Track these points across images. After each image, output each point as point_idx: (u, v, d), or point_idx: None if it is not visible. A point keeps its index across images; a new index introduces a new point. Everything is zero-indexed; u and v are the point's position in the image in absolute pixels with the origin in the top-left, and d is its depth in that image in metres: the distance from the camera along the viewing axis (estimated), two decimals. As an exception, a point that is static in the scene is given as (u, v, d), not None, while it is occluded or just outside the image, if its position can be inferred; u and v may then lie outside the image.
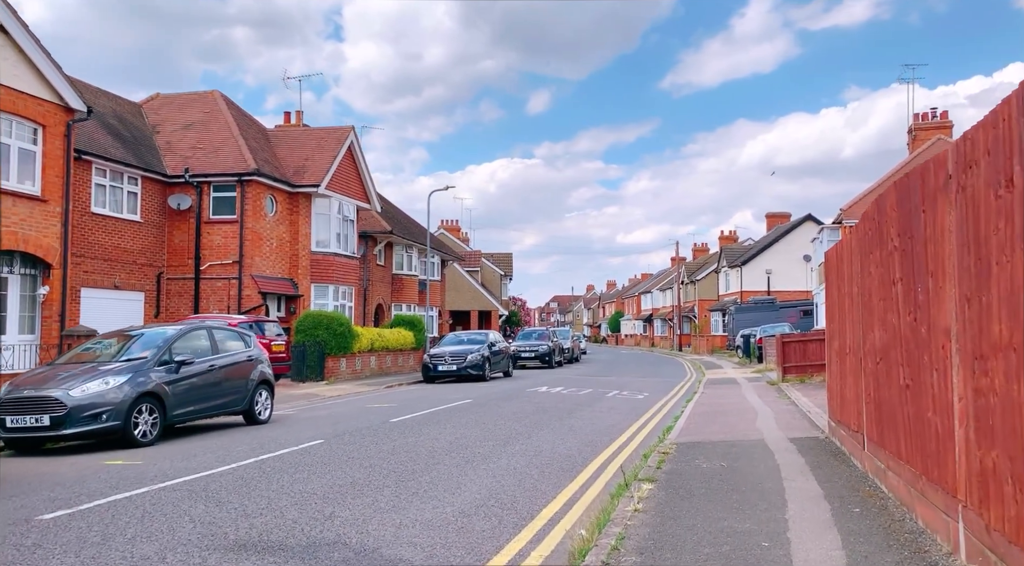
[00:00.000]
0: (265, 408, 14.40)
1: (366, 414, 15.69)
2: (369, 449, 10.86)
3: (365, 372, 28.37)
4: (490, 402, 18.16)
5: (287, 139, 30.62)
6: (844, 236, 9.11)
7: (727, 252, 67.46)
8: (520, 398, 19.44)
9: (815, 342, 24.90)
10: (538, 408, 16.98)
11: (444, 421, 14.29)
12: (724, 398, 19.65)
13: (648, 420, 15.55)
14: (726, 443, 11.46)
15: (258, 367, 14.23)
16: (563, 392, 21.55)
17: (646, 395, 21.50)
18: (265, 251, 27.15)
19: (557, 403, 18.30)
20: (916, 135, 41.00)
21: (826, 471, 8.88)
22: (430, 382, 26.73)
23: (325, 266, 29.51)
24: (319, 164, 29.08)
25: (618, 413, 16.52)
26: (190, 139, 28.01)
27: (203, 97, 30.02)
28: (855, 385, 8.97)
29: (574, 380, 27.33)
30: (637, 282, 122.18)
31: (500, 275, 67.64)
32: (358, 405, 17.91)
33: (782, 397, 19.48)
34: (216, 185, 26.68)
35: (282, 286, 27.85)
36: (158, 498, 7.70)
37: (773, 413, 15.75)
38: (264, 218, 27.12)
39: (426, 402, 18.23)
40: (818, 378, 24.01)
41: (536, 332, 40.88)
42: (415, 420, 14.40)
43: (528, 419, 14.86)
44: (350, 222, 31.15)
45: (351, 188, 31.33)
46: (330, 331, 25.53)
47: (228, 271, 26.41)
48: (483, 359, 26.85)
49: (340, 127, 31.14)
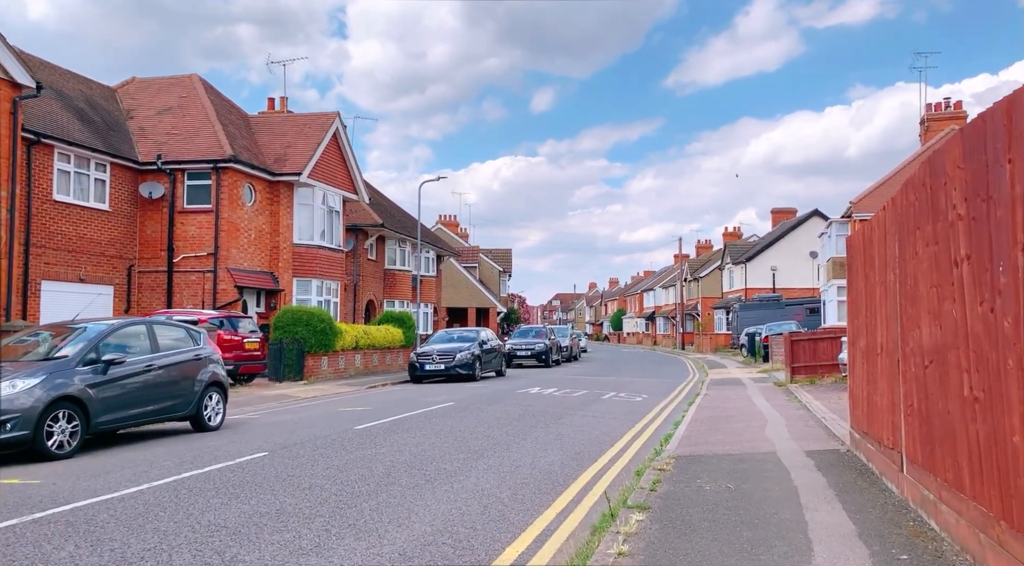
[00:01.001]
0: (216, 413, 12.88)
1: (332, 419, 14.17)
2: (317, 464, 9.34)
3: (350, 371, 26.87)
4: (473, 405, 16.64)
5: (268, 126, 29.11)
6: (876, 216, 7.47)
7: (731, 249, 65.85)
8: (508, 400, 17.91)
9: (826, 341, 23.36)
10: (525, 412, 15.45)
11: (416, 428, 12.77)
12: (729, 401, 18.12)
13: (645, 426, 14.02)
14: (732, 457, 9.92)
15: (208, 367, 12.70)
16: (555, 394, 20.02)
17: (645, 397, 19.97)
18: (242, 243, 25.64)
19: (547, 406, 16.77)
20: (929, 126, 39.38)
21: (855, 497, 7.35)
22: (417, 382, 25.22)
23: (308, 259, 28.00)
24: (301, 151, 27.57)
25: (613, 418, 14.99)
26: (165, 125, 26.52)
27: (180, 82, 28.51)
28: (889, 392, 7.44)
29: (570, 380, 25.80)
30: (640, 279, 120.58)
31: (499, 271, 66.10)
32: (329, 408, 16.39)
33: (792, 400, 17.94)
34: (191, 173, 25.17)
35: (261, 280, 26.34)
36: (22, 534, 6.17)
37: (784, 419, 14.21)
38: (242, 208, 25.60)
39: (404, 405, 16.70)
40: (829, 379, 22.47)
41: (533, 330, 39.35)
42: (383, 427, 12.87)
43: (511, 425, 13.34)
44: (335, 213, 29.63)
45: (336, 177, 29.81)
46: (310, 328, 24.01)
47: (203, 264, 24.90)
48: (473, 358, 25.32)
49: (324, 113, 29.61)
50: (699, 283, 73.80)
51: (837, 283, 37.98)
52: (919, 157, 36.96)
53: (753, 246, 64.11)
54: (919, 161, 37.28)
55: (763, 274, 58.70)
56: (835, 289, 38.12)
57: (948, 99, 39.69)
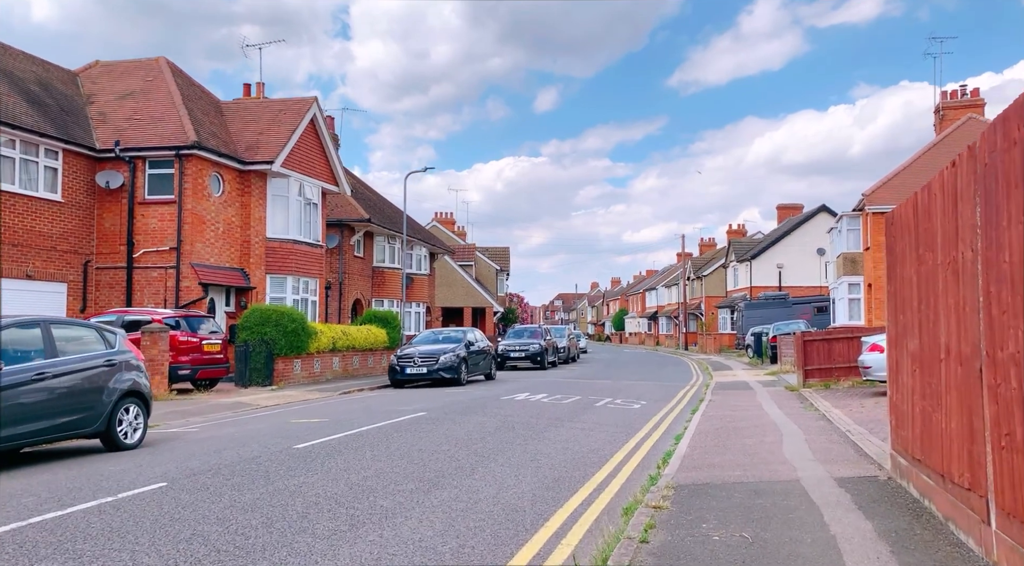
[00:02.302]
0: (135, 428, 10.94)
1: (276, 435, 12.22)
2: (219, 501, 7.40)
3: (326, 375, 24.93)
4: (447, 415, 14.68)
5: (241, 112, 27.17)
6: (937, 179, 5.39)
7: (736, 246, 63.84)
8: (488, 409, 15.95)
9: (842, 341, 21.39)
10: (504, 424, 13.50)
11: (369, 446, 10.81)
12: (737, 409, 16.15)
13: (642, 441, 12.06)
14: (746, 486, 7.97)
15: (124, 374, 10.77)
16: (544, 401, 18.06)
17: (643, 404, 18.01)
18: (209, 237, 23.71)
19: (531, 416, 14.81)
20: (945, 115, 37.38)
21: (919, 557, 5.38)
22: (398, 387, 23.27)
23: (283, 255, 26.06)
24: (274, 139, 25.63)
25: (604, 431, 13.03)
26: (127, 110, 24.60)
27: (146, 65, 26.59)
28: (964, 412, 5.48)
29: (563, 384, 23.84)
30: (642, 279, 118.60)
31: (496, 270, 64.13)
32: (280, 420, 14.44)
33: (808, 408, 15.97)
34: (152, 161, 23.25)
35: (230, 277, 24.40)
36: None
37: (802, 432, 12.25)
38: (208, 199, 23.67)
39: (368, 416, 14.74)
40: (846, 383, 20.50)
41: (528, 330, 37.37)
42: (330, 445, 10.92)
43: (484, 442, 11.39)
44: (313, 206, 27.69)
45: (314, 168, 27.87)
46: (279, 328, 22.07)
47: (165, 259, 22.98)
48: (458, 360, 23.35)
49: (301, 98, 27.67)
50: (702, 282, 71.80)
51: (848, 280, 36.01)
52: (935, 148, 34.97)
53: (758, 243, 62.11)
54: (937, 151, 35.35)
55: (769, 272, 56.72)
56: (846, 286, 36.14)
57: (964, 86, 37.70)
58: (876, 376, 17.18)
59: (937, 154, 34.25)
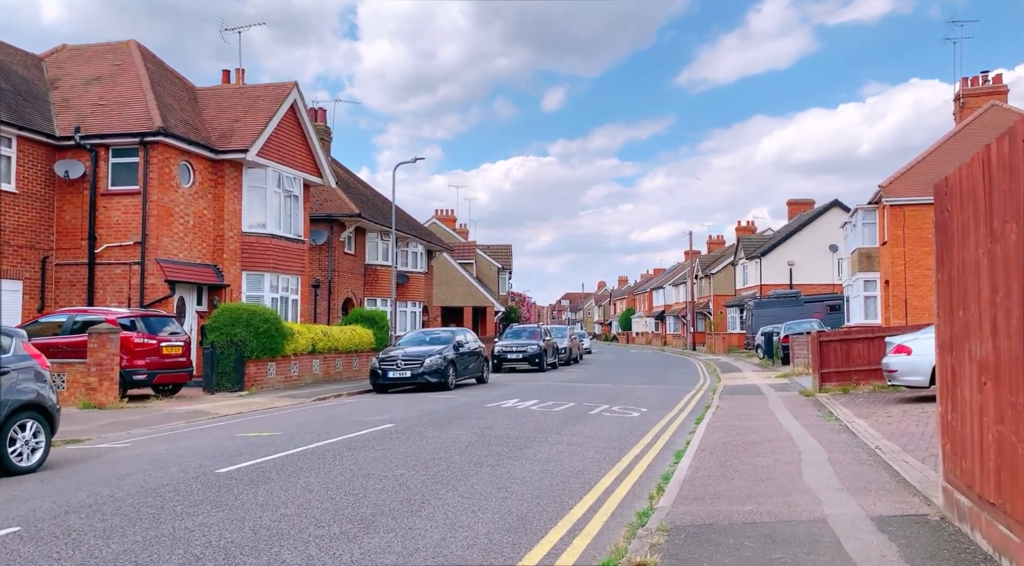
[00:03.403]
0: (32, 448, 9.25)
1: (208, 453, 10.53)
2: (75, 553, 5.73)
3: (305, 379, 23.24)
4: (418, 428, 12.97)
5: (216, 98, 25.51)
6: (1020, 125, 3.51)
7: (745, 243, 61.95)
8: (467, 419, 14.23)
9: (861, 342, 19.59)
10: (480, 438, 11.78)
11: (306, 471, 9.10)
12: (748, 418, 14.40)
13: (636, 459, 10.34)
14: (759, 529, 6.24)
15: (19, 385, 9.09)
16: (533, 408, 16.33)
17: (643, 411, 16.28)
18: (177, 231, 22.05)
19: (515, 427, 13.10)
20: (965, 102, 35.48)
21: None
22: (380, 392, 21.57)
23: (260, 250, 24.38)
24: (250, 126, 23.95)
25: (595, 446, 11.30)
26: (92, 95, 22.96)
27: (116, 48, 24.95)
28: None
29: (559, 389, 22.12)
30: (649, 278, 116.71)
31: (498, 268, 62.40)
32: (227, 433, 12.74)
33: (827, 417, 14.20)
34: (115, 149, 21.61)
35: (201, 274, 22.74)
36: None
37: (823, 449, 10.50)
38: (176, 190, 22.01)
39: (327, 428, 13.03)
40: (866, 388, 18.72)
41: (527, 330, 35.61)
42: (260, 469, 9.21)
43: (450, 462, 9.68)
44: (294, 198, 26.00)
45: (295, 158, 26.19)
46: (250, 329, 20.38)
47: (129, 255, 21.33)
48: (445, 363, 21.63)
49: (280, 83, 25.99)
50: (711, 280, 69.94)
51: (864, 276, 34.18)
52: (956, 136, 33.11)
53: (768, 240, 60.21)
54: (958, 139, 33.47)
55: (779, 269, 54.82)
56: (861, 283, 34.31)
57: (986, 73, 35.78)
58: (902, 381, 15.41)
59: (958, 143, 32.41)
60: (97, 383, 16.36)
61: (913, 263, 30.53)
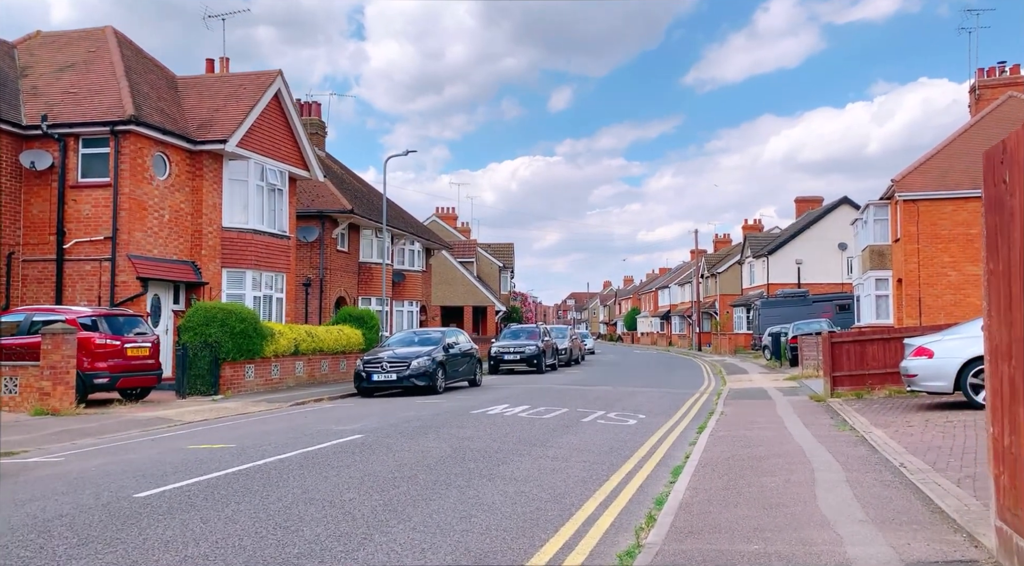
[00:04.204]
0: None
1: (141, 471, 9.33)
2: None
3: (288, 381, 22.05)
4: (388, 439, 11.74)
5: (197, 87, 24.34)
6: None
7: (752, 241, 60.62)
8: (446, 428, 13.01)
9: (876, 343, 18.29)
10: (454, 452, 10.56)
11: (239, 496, 7.89)
12: (754, 427, 13.16)
13: (628, 478, 9.11)
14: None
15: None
16: (522, 415, 15.11)
17: (641, 418, 15.06)
18: (151, 225, 20.88)
19: (496, 438, 11.87)
20: (981, 94, 34.15)
21: None
22: (365, 395, 20.38)
23: (241, 246, 23.20)
24: (231, 116, 22.77)
25: (583, 461, 10.07)
26: (64, 83, 21.82)
27: (90, 35, 23.81)
28: None
29: (555, 392, 20.90)
30: (655, 277, 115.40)
31: (499, 267, 61.17)
32: (176, 445, 11.54)
33: (841, 426, 12.94)
34: (85, 139, 20.46)
35: (177, 271, 21.57)
36: None
37: (840, 466, 9.25)
38: (150, 182, 20.84)
39: (288, 439, 11.82)
40: (881, 393, 17.44)
41: (525, 330, 34.36)
42: (187, 493, 8.00)
43: (411, 483, 8.47)
44: (279, 192, 24.81)
45: (280, 149, 25.00)
46: (226, 329, 19.20)
47: (100, 250, 20.18)
48: (434, 365, 20.42)
49: (264, 71, 24.79)
50: (717, 279, 68.64)
51: (875, 275, 32.86)
52: (973, 128, 31.76)
53: (776, 238, 58.88)
54: (975, 131, 32.13)
55: (787, 268, 53.50)
56: (872, 281, 33.00)
57: (1003, 64, 34.42)
58: (923, 386, 14.13)
59: (974, 135, 31.07)
60: (51, 387, 15.18)
61: (928, 260, 29.21)
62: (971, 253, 28.79)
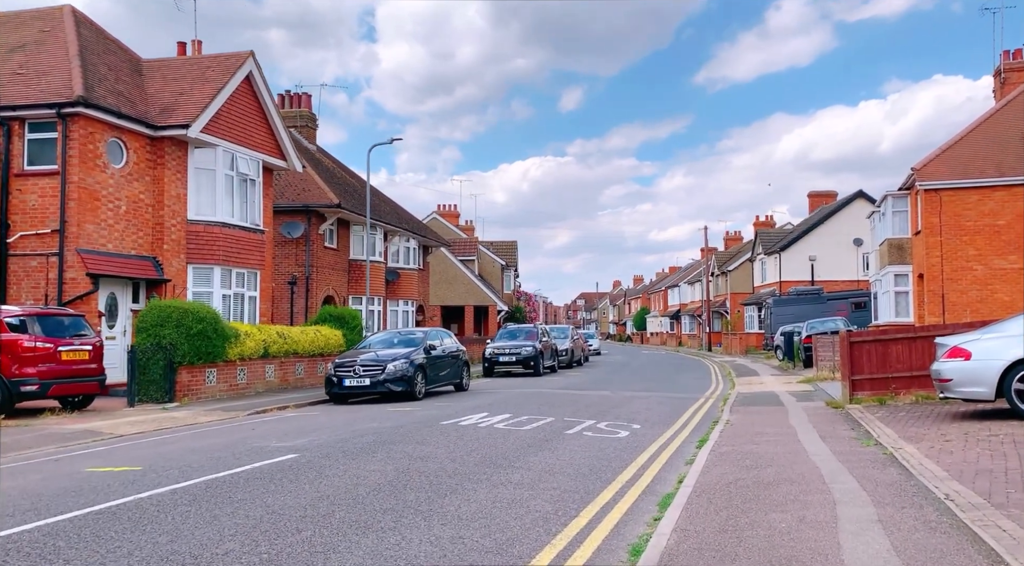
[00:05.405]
0: None
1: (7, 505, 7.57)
2: None
3: (256, 386, 20.29)
4: (327, 459, 9.94)
5: (163, 71, 22.61)
6: None
7: (763, 237, 58.59)
8: (402, 445, 11.19)
9: (901, 343, 16.40)
10: (399, 477, 8.75)
11: (77, 549, 6.11)
12: (763, 441, 11.30)
13: (601, 514, 7.29)
14: None
15: None
16: (499, 426, 13.30)
17: (635, 429, 13.25)
18: (105, 217, 19.17)
19: (456, 457, 10.06)
20: (1007, 78, 32.07)
21: None
22: (339, 402, 18.62)
23: (208, 241, 21.45)
24: (195, 100, 21.03)
25: (552, 489, 8.26)
26: (13, 64, 20.13)
27: (46, 14, 22.11)
28: None
29: (546, 397, 19.09)
30: (664, 276, 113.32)
31: (502, 266, 59.31)
32: (82, 466, 9.80)
33: (865, 440, 11.08)
34: (32, 123, 18.78)
35: (136, 267, 19.84)
36: None
37: (868, 497, 7.42)
38: (103, 170, 19.13)
39: (213, 459, 10.05)
40: (907, 398, 15.55)
41: (523, 330, 32.51)
42: (18, 543, 6.22)
43: (324, 524, 6.68)
44: (250, 182, 23.04)
45: (252, 137, 23.26)
46: (182, 329, 17.45)
47: (47, 244, 18.49)
48: (412, 369, 18.63)
49: (233, 53, 23.02)
50: (727, 277, 66.61)
51: (894, 270, 30.83)
52: (996, 113, 29.75)
53: (788, 234, 56.82)
54: (996, 118, 30.13)
55: (800, 265, 51.47)
56: (891, 277, 30.96)
57: (1029, 44, 32.35)
58: (959, 392, 12.25)
59: (999, 121, 29.09)
60: (-34, 396, 13.47)
61: (951, 254, 27.19)
62: (998, 246, 26.80)
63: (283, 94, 37.21)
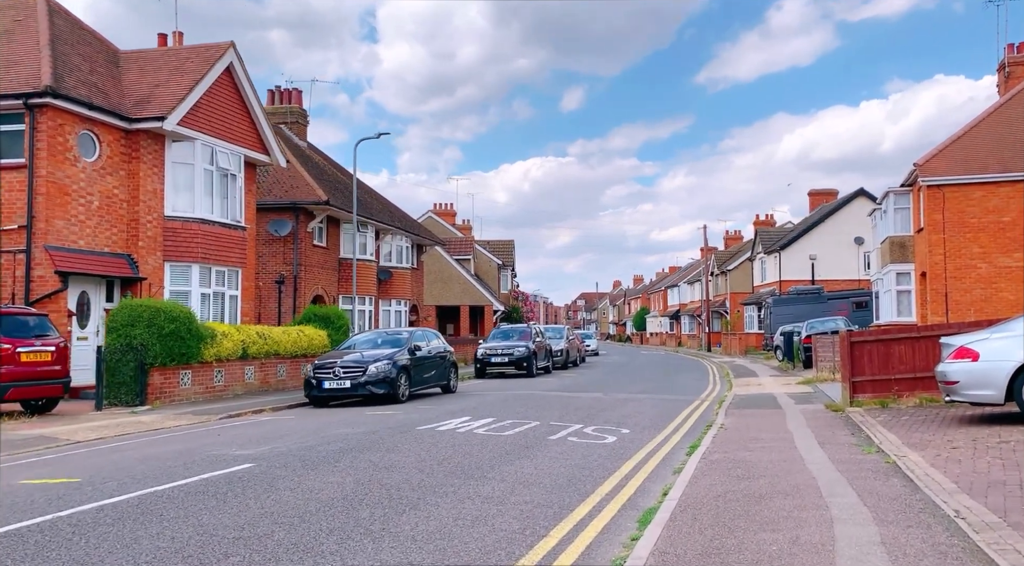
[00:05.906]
0: None
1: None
2: None
3: (234, 389, 19.57)
4: (284, 469, 9.21)
5: (140, 62, 21.90)
6: None
7: (763, 236, 57.84)
8: (369, 453, 10.46)
9: (904, 343, 15.64)
10: (358, 490, 8.03)
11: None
12: (757, 448, 10.56)
13: (574, 531, 6.57)
14: None
15: None
16: (478, 431, 12.56)
17: (624, 434, 12.52)
18: (76, 212, 18.45)
19: (423, 469, 9.33)
20: (1011, 72, 31.35)
21: None
22: (319, 405, 17.90)
23: (187, 238, 20.73)
24: (172, 91, 20.31)
25: (523, 502, 7.53)
26: (-17, 55, 19.42)
27: (20, 3, 21.33)
28: None
29: (535, 400, 18.36)
30: (664, 276, 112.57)
31: (498, 265, 58.58)
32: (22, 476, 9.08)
33: (866, 447, 10.34)
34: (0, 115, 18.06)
35: (109, 264, 19.12)
36: None
37: (870, 513, 6.68)
38: (74, 163, 18.41)
39: (162, 468, 9.33)
40: (910, 401, 14.81)
41: (516, 330, 31.76)
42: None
43: (257, 550, 5.96)
44: (231, 177, 22.31)
45: (233, 131, 22.53)
46: (153, 329, 16.74)
47: (15, 241, 17.77)
48: (395, 371, 17.90)
49: (213, 44, 22.30)
50: (727, 277, 65.87)
51: (896, 268, 30.07)
52: (1001, 108, 29.00)
53: (788, 232, 56.07)
54: (1001, 113, 29.40)
55: (800, 264, 50.73)
56: (893, 276, 30.21)
57: (1033, 38, 31.60)
58: (966, 395, 11.51)
59: (1003, 116, 28.34)
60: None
61: (955, 251, 26.45)
62: (1003, 243, 26.05)
63: (273, 89, 36.55)
